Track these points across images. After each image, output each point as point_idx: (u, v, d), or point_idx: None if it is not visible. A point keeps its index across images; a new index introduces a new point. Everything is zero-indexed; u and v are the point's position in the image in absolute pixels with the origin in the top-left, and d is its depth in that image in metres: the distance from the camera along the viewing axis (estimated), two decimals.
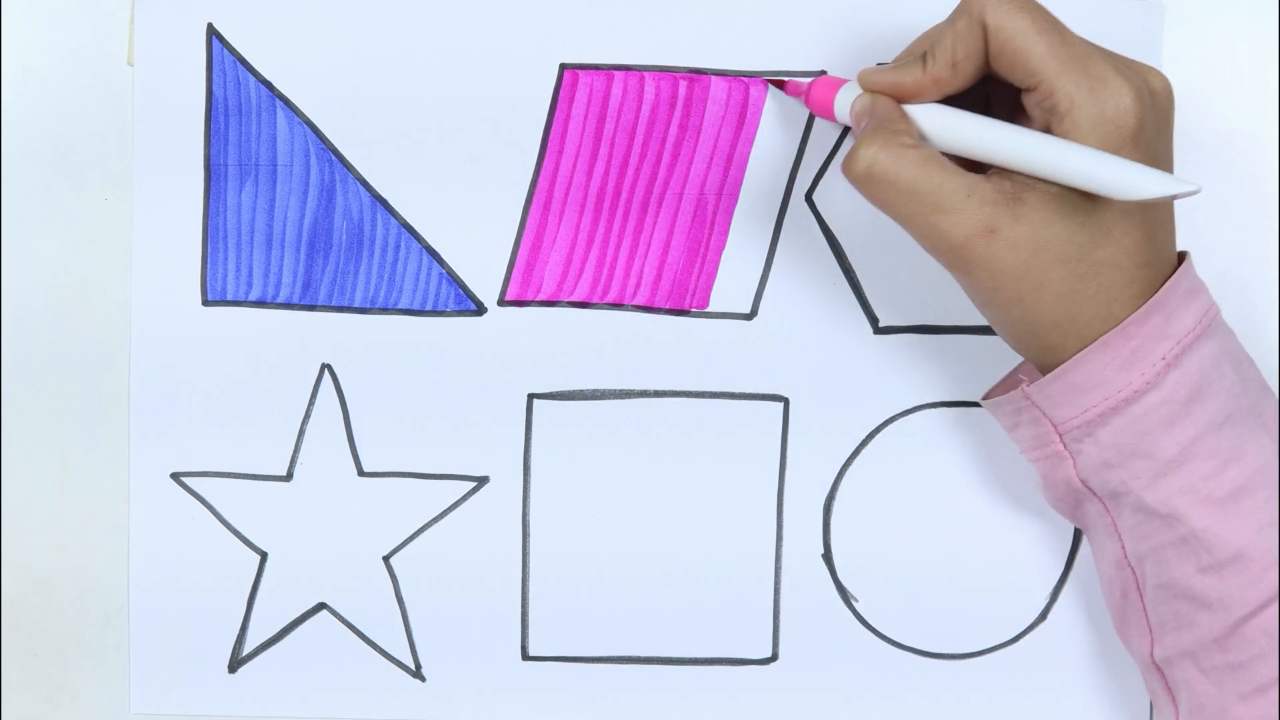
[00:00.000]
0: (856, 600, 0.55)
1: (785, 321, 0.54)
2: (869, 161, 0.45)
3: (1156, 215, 0.46)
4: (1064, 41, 0.45)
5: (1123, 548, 0.48)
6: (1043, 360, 0.47)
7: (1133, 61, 0.47)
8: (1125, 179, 0.42)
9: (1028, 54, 0.45)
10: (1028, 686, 0.55)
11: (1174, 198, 0.42)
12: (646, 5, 0.54)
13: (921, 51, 0.47)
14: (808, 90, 0.51)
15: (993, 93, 0.48)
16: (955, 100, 0.47)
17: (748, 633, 0.55)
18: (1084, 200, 0.44)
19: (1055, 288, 0.45)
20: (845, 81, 0.49)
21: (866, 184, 0.46)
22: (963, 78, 0.46)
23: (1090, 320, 0.45)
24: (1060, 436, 0.48)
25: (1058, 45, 0.44)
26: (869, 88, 0.48)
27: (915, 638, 0.55)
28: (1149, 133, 0.44)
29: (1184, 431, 0.46)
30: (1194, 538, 0.46)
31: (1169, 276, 0.46)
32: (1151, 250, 0.46)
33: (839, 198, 0.54)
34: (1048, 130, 0.45)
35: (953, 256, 0.45)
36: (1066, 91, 0.44)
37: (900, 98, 0.47)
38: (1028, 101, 0.45)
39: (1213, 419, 0.46)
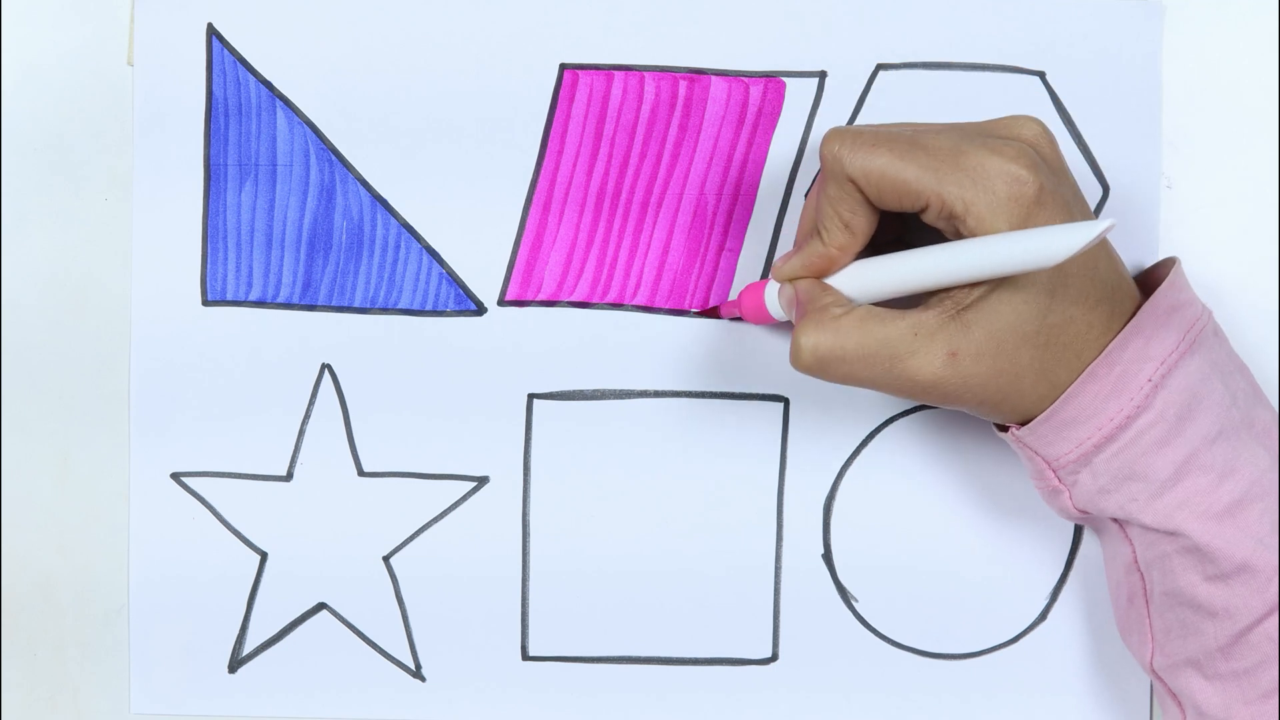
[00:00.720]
0: (856, 600, 0.55)
1: (785, 321, 0.54)
2: (811, 348, 0.46)
3: (1089, 256, 0.46)
4: (928, 153, 0.45)
5: (1133, 552, 0.48)
6: (1030, 418, 0.48)
7: (998, 124, 0.47)
8: (1044, 246, 0.42)
9: (903, 182, 0.45)
10: (1028, 686, 0.55)
11: (1099, 238, 0.41)
12: (646, 5, 0.54)
13: (812, 228, 0.47)
14: (739, 304, 0.52)
15: (906, 222, 0.48)
16: (880, 244, 0.47)
17: (748, 633, 0.55)
18: (1019, 282, 0.44)
19: (1029, 368, 0.45)
20: (767, 282, 0.50)
21: (819, 369, 0.46)
22: (862, 234, 0.47)
23: (1067, 379, 0.46)
24: (1055, 473, 0.48)
25: (924, 160, 0.44)
26: (786, 278, 0.48)
27: (915, 638, 0.55)
28: (1049, 184, 0.44)
29: (1178, 450, 0.46)
30: (1197, 549, 0.46)
31: (1137, 298, 0.47)
32: (1099, 288, 0.46)
33: None
34: (958, 236, 0.45)
35: (935, 395, 0.46)
36: (954, 195, 0.44)
37: (817, 276, 0.48)
38: (928, 220, 0.46)
39: (1205, 434, 0.46)
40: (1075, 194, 0.46)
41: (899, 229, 0.49)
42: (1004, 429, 0.50)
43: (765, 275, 0.54)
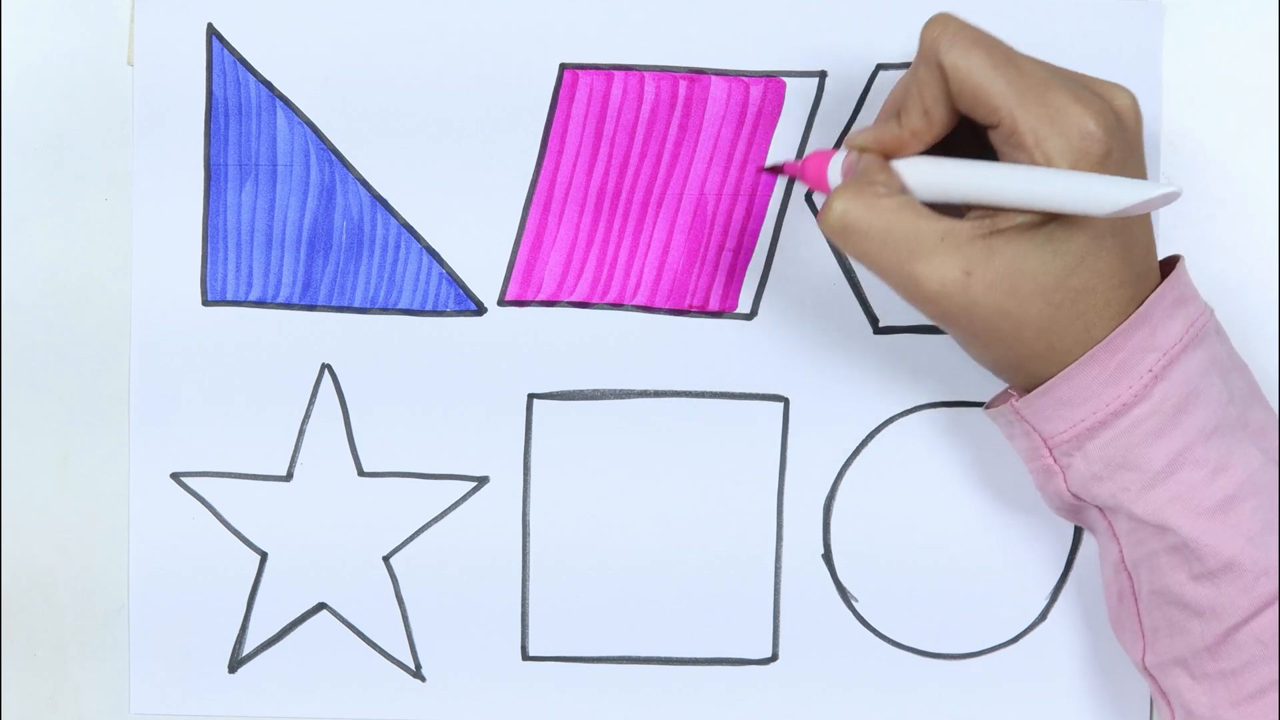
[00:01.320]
0: (856, 600, 0.55)
1: (785, 321, 0.54)
2: (841, 213, 0.45)
3: (1131, 234, 0.46)
4: (1021, 74, 0.44)
5: (1120, 551, 0.48)
6: (1028, 386, 0.47)
7: (1096, 81, 0.46)
8: (1104, 193, 0.42)
9: (986, 91, 0.44)
10: (1028, 686, 0.55)
11: (1155, 203, 0.41)
12: (646, 5, 0.54)
13: (896, 107, 0.47)
14: (802, 167, 0.51)
15: (982, 136, 0.48)
16: (948, 149, 0.47)
17: (748, 633, 0.55)
18: (1057, 229, 0.44)
19: (1035, 322, 0.45)
20: (835, 150, 0.50)
21: (841, 235, 0.46)
22: (938, 124, 0.46)
23: (1071, 348, 0.46)
24: (1050, 450, 0.48)
25: (1015, 78, 0.44)
26: (856, 148, 0.48)
27: (915, 638, 0.55)
28: (1116, 155, 0.44)
29: (1172, 442, 0.46)
30: (1185, 547, 0.46)
31: (1153, 289, 0.47)
32: (1128, 270, 0.45)
33: None
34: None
35: (932, 307, 0.45)
36: (1028, 125, 0.44)
37: (885, 155, 0.47)
38: (994, 139, 0.45)
39: (1201, 429, 0.46)
40: (1141, 174, 0.46)
41: (973, 146, 0.48)
42: (995, 405, 0.49)
43: (768, 271, 0.54)
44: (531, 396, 0.55)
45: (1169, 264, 0.49)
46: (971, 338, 0.46)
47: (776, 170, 0.54)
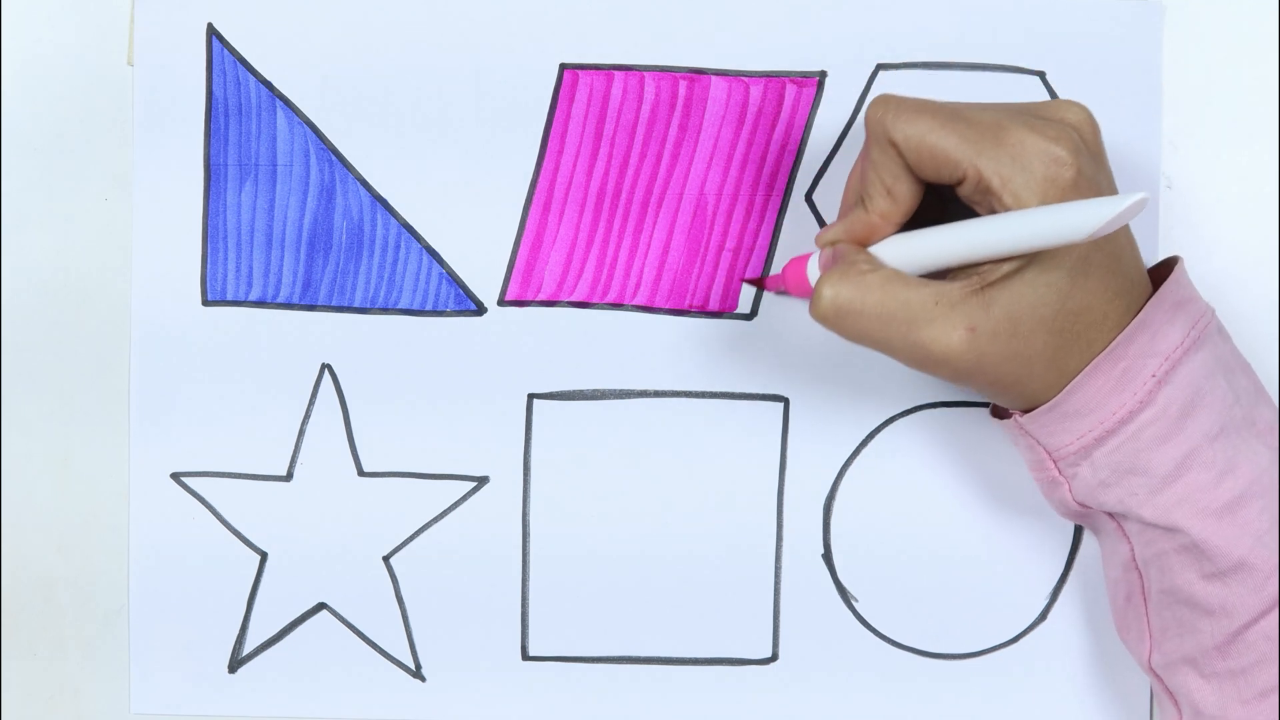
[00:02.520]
0: (856, 600, 0.55)
1: (785, 321, 0.54)
2: (831, 297, 0.45)
3: (1115, 245, 0.46)
4: (971, 125, 0.45)
5: (1131, 550, 0.48)
6: (1036, 406, 0.47)
7: (1044, 106, 0.47)
8: (1078, 218, 0.42)
9: (942, 150, 0.45)
10: (1028, 686, 0.55)
11: (1129, 213, 0.41)
12: (646, 5, 0.54)
13: (856, 196, 0.47)
14: (784, 277, 0.52)
15: (949, 202, 0.48)
16: (923, 224, 0.47)
17: (748, 633, 0.55)
18: (1044, 262, 0.44)
19: (1041, 354, 0.45)
20: (810, 254, 0.50)
21: (836, 320, 0.46)
22: (904, 202, 0.46)
23: (1077, 366, 0.46)
24: (1055, 464, 0.48)
25: (966, 131, 0.44)
26: (827, 244, 0.48)
27: (915, 638, 0.55)
28: (1087, 170, 0.44)
29: (1178, 446, 0.46)
30: (1195, 547, 0.46)
31: (1147, 293, 0.47)
32: (1120, 280, 0.46)
33: (839, 198, 0.54)
34: (992, 214, 0.45)
35: (944, 370, 0.46)
36: (991, 169, 0.44)
37: (859, 244, 0.47)
38: (964, 194, 0.45)
39: (1207, 431, 0.46)
40: (1111, 184, 0.46)
41: (940, 214, 0.48)
42: (1002, 416, 0.49)
43: (768, 272, 0.54)
44: (531, 396, 0.55)
45: (1168, 265, 0.49)
46: (988, 386, 0.46)
47: (758, 285, 0.54)
